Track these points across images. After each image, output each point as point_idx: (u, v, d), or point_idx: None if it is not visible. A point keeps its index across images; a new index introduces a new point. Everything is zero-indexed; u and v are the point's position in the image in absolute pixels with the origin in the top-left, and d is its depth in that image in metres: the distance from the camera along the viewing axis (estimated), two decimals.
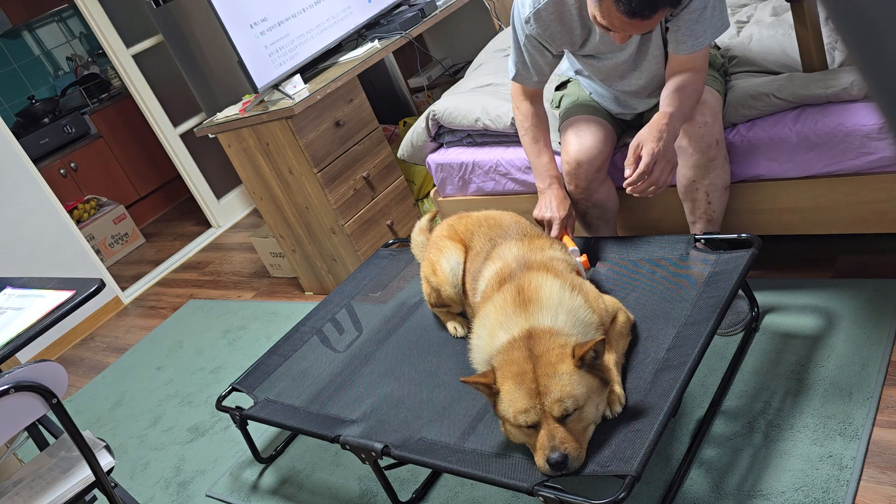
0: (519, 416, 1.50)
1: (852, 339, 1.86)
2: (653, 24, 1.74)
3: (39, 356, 3.80)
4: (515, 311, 1.64)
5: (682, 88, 1.87)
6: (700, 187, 2.00)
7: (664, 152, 1.80)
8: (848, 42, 0.39)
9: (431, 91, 4.12)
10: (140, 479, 2.57)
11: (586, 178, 2.12)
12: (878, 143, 1.85)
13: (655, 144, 1.79)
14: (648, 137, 1.80)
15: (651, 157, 1.78)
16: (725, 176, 2.01)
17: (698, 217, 2.07)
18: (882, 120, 0.40)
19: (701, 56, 1.89)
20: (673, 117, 1.83)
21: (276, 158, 2.97)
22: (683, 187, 2.04)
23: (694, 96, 1.89)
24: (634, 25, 1.74)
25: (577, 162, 2.10)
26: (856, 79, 1.88)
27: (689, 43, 1.86)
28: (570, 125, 2.19)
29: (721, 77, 2.14)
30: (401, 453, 1.70)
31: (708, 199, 2.02)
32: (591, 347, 1.50)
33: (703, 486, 1.66)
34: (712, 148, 1.94)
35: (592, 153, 2.10)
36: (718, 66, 2.15)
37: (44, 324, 1.93)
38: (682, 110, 1.86)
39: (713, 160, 1.96)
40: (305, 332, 2.44)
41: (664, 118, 1.82)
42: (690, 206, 2.06)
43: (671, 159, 1.83)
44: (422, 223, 2.43)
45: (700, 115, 1.93)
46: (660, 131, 1.80)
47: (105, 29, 4.34)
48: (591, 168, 2.10)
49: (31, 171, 3.88)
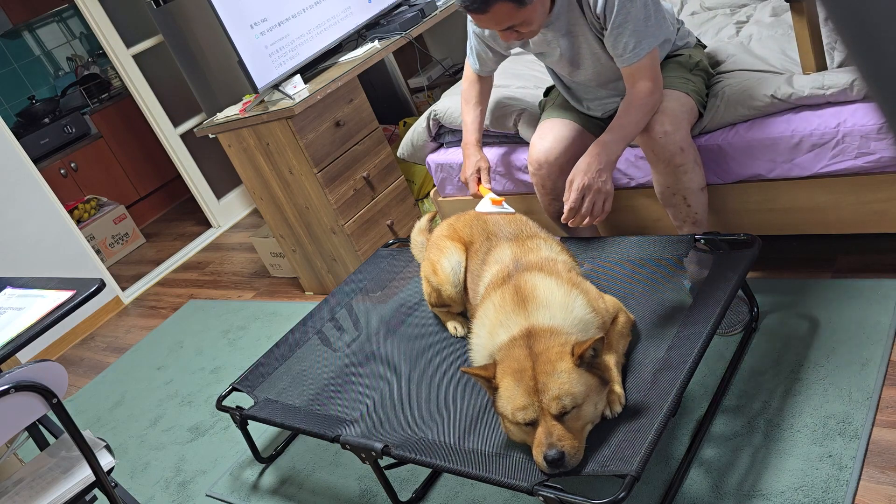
0: (517, 413, 1.50)
1: (852, 339, 1.86)
2: (497, 18, 1.83)
3: (39, 356, 3.80)
4: (515, 310, 1.65)
5: (627, 109, 1.93)
6: (676, 192, 2.03)
7: (592, 184, 1.86)
8: (847, 42, 0.39)
9: (431, 91, 4.12)
10: (140, 478, 2.57)
11: (550, 177, 2.16)
12: (878, 143, 1.85)
13: (582, 179, 1.87)
14: (577, 172, 1.89)
15: (578, 192, 1.86)
16: (698, 178, 2.02)
17: (683, 221, 2.09)
18: (882, 120, 0.40)
19: (644, 66, 1.91)
20: (607, 145, 1.89)
21: (277, 158, 2.98)
22: (660, 195, 2.07)
23: (643, 110, 1.92)
24: (482, 20, 1.86)
25: (538, 162, 2.15)
26: (856, 79, 1.88)
27: (626, 56, 1.91)
28: (538, 128, 2.26)
29: (696, 77, 2.12)
30: (401, 453, 1.70)
31: (686, 202, 2.04)
32: (590, 346, 1.50)
33: (703, 486, 1.66)
34: (676, 156, 1.96)
35: (553, 153, 2.13)
36: (691, 66, 2.12)
37: (44, 324, 1.93)
38: (623, 134, 1.91)
39: (680, 166, 1.98)
40: (305, 332, 2.44)
41: (595, 148, 1.90)
42: (672, 211, 2.09)
43: (601, 188, 1.88)
44: (421, 223, 2.43)
45: (659, 125, 1.95)
46: (588, 164, 1.88)
47: (105, 29, 4.34)
48: (553, 168, 2.13)
49: (32, 171, 3.89)
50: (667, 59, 2.13)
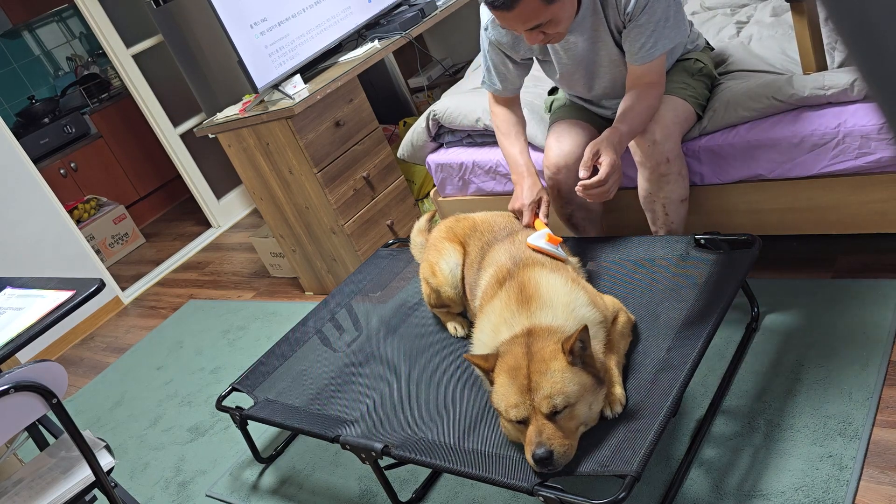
0: (510, 411, 1.51)
1: (852, 339, 1.86)
2: (524, 15, 1.76)
3: (39, 356, 3.80)
4: (519, 309, 1.65)
5: (632, 108, 1.91)
6: (657, 199, 2.04)
7: (619, 166, 1.84)
8: (848, 42, 0.39)
9: (431, 91, 4.12)
10: (140, 479, 2.57)
11: (567, 182, 2.14)
12: (878, 143, 1.85)
13: (615, 156, 1.83)
14: (608, 147, 1.83)
15: (611, 167, 1.81)
16: (680, 190, 2.03)
17: (659, 227, 2.11)
18: (882, 120, 0.40)
19: (654, 68, 1.91)
20: (624, 136, 1.87)
21: (276, 158, 2.98)
22: (642, 198, 2.08)
23: (646, 113, 1.92)
24: (508, 19, 1.78)
25: (557, 166, 2.13)
26: (856, 79, 1.88)
27: (640, 55, 1.89)
28: (553, 130, 2.22)
29: (697, 82, 2.11)
30: (401, 453, 1.70)
31: (665, 210, 2.06)
32: (576, 338, 1.50)
33: (703, 486, 1.66)
34: (662, 165, 1.97)
35: (572, 157, 2.12)
36: (694, 71, 2.11)
37: (44, 324, 1.93)
38: (631, 130, 1.89)
39: (664, 176, 1.99)
40: (305, 332, 2.44)
41: (618, 134, 1.86)
42: (651, 216, 2.10)
43: (621, 174, 1.86)
44: (420, 224, 2.43)
45: (649, 133, 1.95)
46: (618, 144, 1.85)
47: (105, 29, 4.34)
48: (571, 171, 2.12)
49: (31, 171, 3.88)
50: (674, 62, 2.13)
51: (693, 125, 2.10)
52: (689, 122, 2.07)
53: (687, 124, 2.06)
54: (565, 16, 1.81)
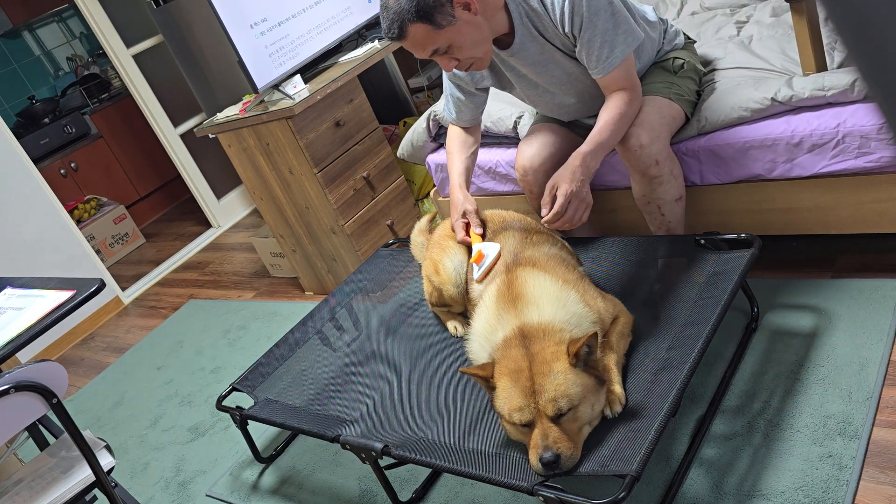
0: (514, 414, 1.51)
1: (852, 339, 1.86)
2: (416, 42, 1.77)
3: (39, 356, 3.80)
4: (507, 308, 1.65)
5: (602, 120, 1.90)
6: (651, 201, 2.04)
7: (577, 193, 1.84)
8: (847, 42, 0.39)
9: (431, 91, 4.12)
10: (140, 478, 2.57)
11: (537, 183, 2.15)
12: (878, 143, 1.85)
13: (569, 185, 1.83)
14: (563, 178, 1.84)
15: (565, 198, 1.82)
16: (674, 190, 2.03)
17: (657, 227, 2.11)
18: (882, 120, 0.40)
19: (620, 75, 1.90)
20: (587, 157, 1.86)
21: (277, 158, 2.98)
22: (637, 200, 2.08)
23: (619, 121, 1.91)
24: (407, 48, 1.81)
25: (524, 168, 2.16)
26: (856, 79, 1.88)
27: (599, 67, 1.89)
28: (527, 133, 2.24)
29: (681, 79, 2.10)
30: (401, 453, 1.70)
31: (661, 211, 2.06)
32: (584, 343, 1.50)
33: (703, 485, 1.66)
34: (652, 168, 1.97)
35: (537, 159, 2.13)
36: (676, 69, 2.11)
37: (44, 324, 1.93)
38: (602, 145, 1.88)
39: (655, 178, 1.99)
40: (305, 331, 2.44)
41: (578, 159, 1.86)
42: (648, 217, 2.11)
43: (584, 198, 1.86)
44: (421, 224, 2.43)
45: (634, 139, 1.95)
46: (573, 172, 1.84)
47: (105, 29, 4.34)
48: (539, 174, 2.13)
49: (32, 171, 3.89)
50: (652, 65, 2.13)
51: (684, 123, 2.10)
52: (677, 121, 2.06)
53: (675, 123, 2.06)
54: (466, 40, 1.79)
